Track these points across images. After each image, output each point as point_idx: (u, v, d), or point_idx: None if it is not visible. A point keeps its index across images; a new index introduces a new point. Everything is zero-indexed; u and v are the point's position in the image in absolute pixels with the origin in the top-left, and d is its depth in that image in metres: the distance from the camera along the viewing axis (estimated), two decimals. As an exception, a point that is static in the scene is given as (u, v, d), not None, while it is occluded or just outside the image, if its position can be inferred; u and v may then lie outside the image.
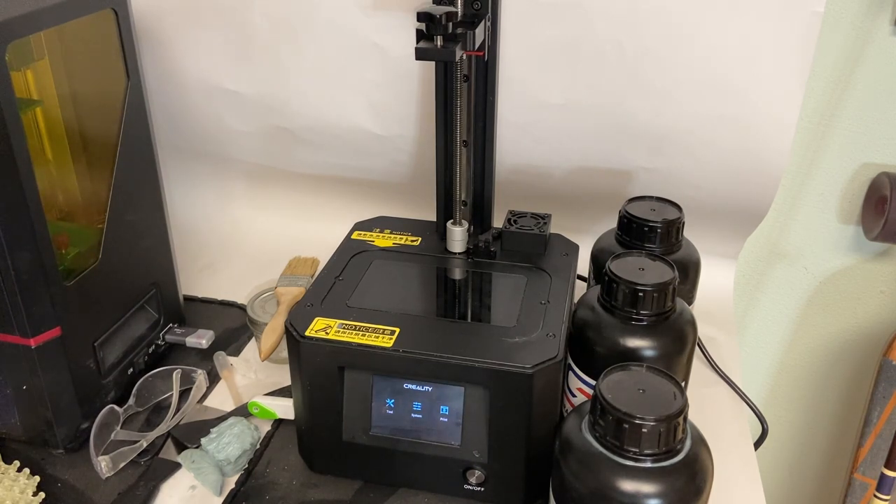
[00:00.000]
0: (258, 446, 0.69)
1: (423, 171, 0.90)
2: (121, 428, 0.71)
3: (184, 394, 0.75)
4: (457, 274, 0.74)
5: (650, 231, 0.70)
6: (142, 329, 0.78)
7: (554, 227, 0.77)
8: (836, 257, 1.03)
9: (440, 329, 0.64)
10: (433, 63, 0.73)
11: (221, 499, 0.65)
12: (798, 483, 1.22)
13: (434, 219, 0.79)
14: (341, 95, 0.87)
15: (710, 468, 0.50)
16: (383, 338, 0.61)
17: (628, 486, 0.48)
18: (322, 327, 0.63)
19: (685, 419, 0.49)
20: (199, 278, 0.96)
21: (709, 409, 0.75)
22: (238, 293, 0.93)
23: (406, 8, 0.79)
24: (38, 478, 0.66)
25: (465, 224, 0.76)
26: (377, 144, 0.90)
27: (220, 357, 0.81)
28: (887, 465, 1.04)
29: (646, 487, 0.48)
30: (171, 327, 0.82)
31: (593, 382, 0.52)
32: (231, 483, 0.66)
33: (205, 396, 0.77)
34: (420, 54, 0.61)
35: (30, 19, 0.60)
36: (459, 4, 0.66)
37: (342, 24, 0.82)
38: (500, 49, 0.74)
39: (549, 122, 0.83)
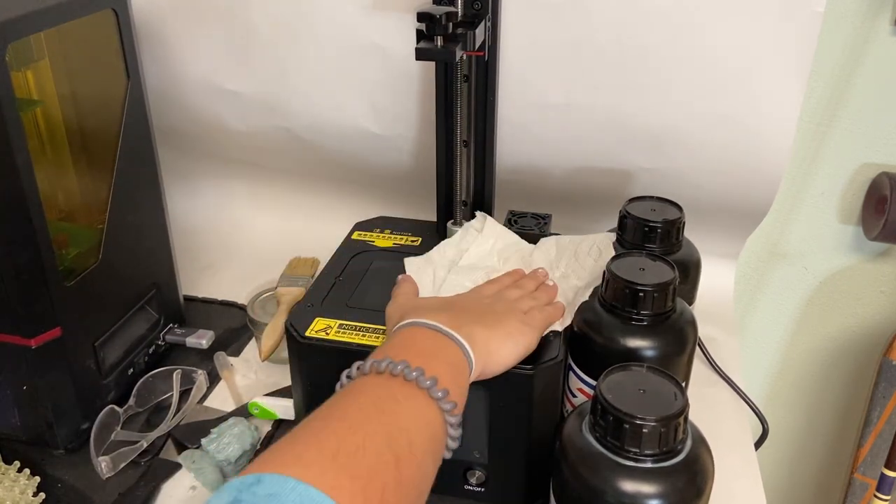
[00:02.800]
0: (258, 447, 0.69)
1: (423, 171, 0.90)
2: (121, 428, 0.71)
3: (184, 394, 0.75)
4: (457, 274, 0.74)
5: (650, 231, 0.70)
6: (142, 329, 0.78)
7: (554, 227, 0.77)
8: (836, 257, 1.03)
9: (440, 329, 0.64)
10: (433, 63, 0.73)
11: (222, 499, 0.65)
12: (798, 483, 1.22)
13: (434, 219, 0.79)
14: (341, 95, 0.87)
15: (711, 468, 0.50)
16: (383, 338, 0.61)
17: (629, 486, 0.48)
18: (322, 328, 0.63)
19: (685, 419, 0.49)
20: (199, 278, 0.96)
21: (709, 409, 0.74)
22: (238, 293, 0.93)
23: (406, 8, 0.78)
24: (38, 478, 0.66)
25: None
26: (377, 144, 0.90)
27: (220, 357, 0.81)
28: (887, 465, 1.04)
29: (646, 488, 0.48)
30: (171, 327, 0.82)
31: (594, 383, 0.52)
32: (231, 483, 0.66)
33: (205, 397, 0.77)
34: (420, 54, 0.61)
35: (30, 19, 0.60)
36: (459, 4, 0.66)
37: (342, 24, 0.82)
38: (501, 49, 0.74)
39: (549, 122, 0.83)
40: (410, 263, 0.69)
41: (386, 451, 0.41)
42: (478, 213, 0.75)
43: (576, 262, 0.68)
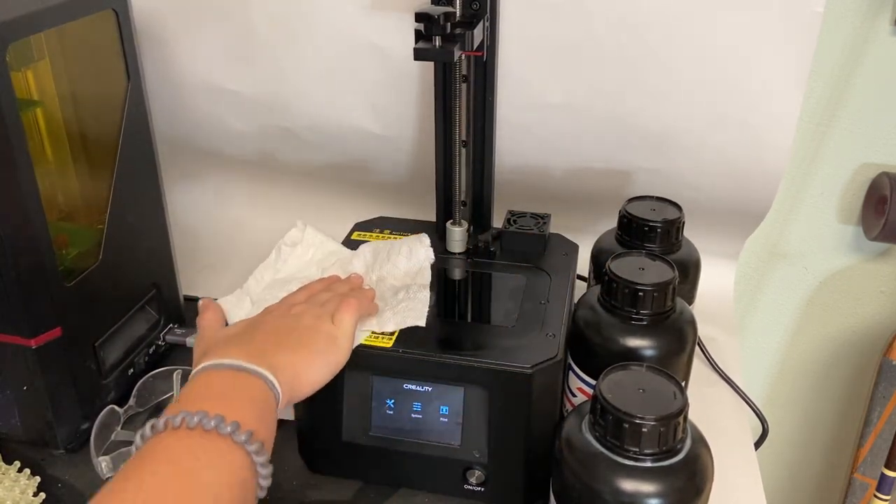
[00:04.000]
0: (258, 446, 0.69)
1: (422, 171, 0.90)
2: (121, 428, 0.71)
3: (184, 394, 0.75)
4: (456, 274, 0.74)
5: (650, 231, 0.70)
6: (142, 329, 0.78)
7: (554, 227, 0.77)
8: (836, 257, 1.03)
9: (440, 329, 0.64)
10: (432, 63, 0.73)
11: (221, 499, 0.65)
12: (798, 483, 1.22)
13: (434, 219, 0.79)
14: (341, 95, 0.87)
15: (710, 468, 0.50)
16: (383, 338, 0.61)
17: (628, 485, 0.48)
18: (322, 327, 0.63)
19: (685, 419, 0.50)
20: (199, 278, 0.96)
21: (709, 408, 0.75)
22: (238, 293, 0.92)
23: (405, 8, 0.79)
24: (38, 478, 0.66)
25: (465, 224, 0.76)
26: (377, 144, 0.91)
27: (220, 357, 0.81)
28: (887, 465, 1.04)
29: (646, 487, 0.48)
30: (171, 328, 0.82)
31: (593, 382, 0.52)
32: (231, 483, 0.66)
33: (205, 397, 0.77)
34: (418, 55, 0.61)
35: (30, 20, 0.60)
36: (458, 5, 0.66)
37: (342, 25, 0.82)
38: (500, 49, 0.74)
39: (549, 122, 0.83)
40: (226, 302, 0.69)
41: None
42: (298, 223, 0.75)
43: (389, 264, 0.70)
